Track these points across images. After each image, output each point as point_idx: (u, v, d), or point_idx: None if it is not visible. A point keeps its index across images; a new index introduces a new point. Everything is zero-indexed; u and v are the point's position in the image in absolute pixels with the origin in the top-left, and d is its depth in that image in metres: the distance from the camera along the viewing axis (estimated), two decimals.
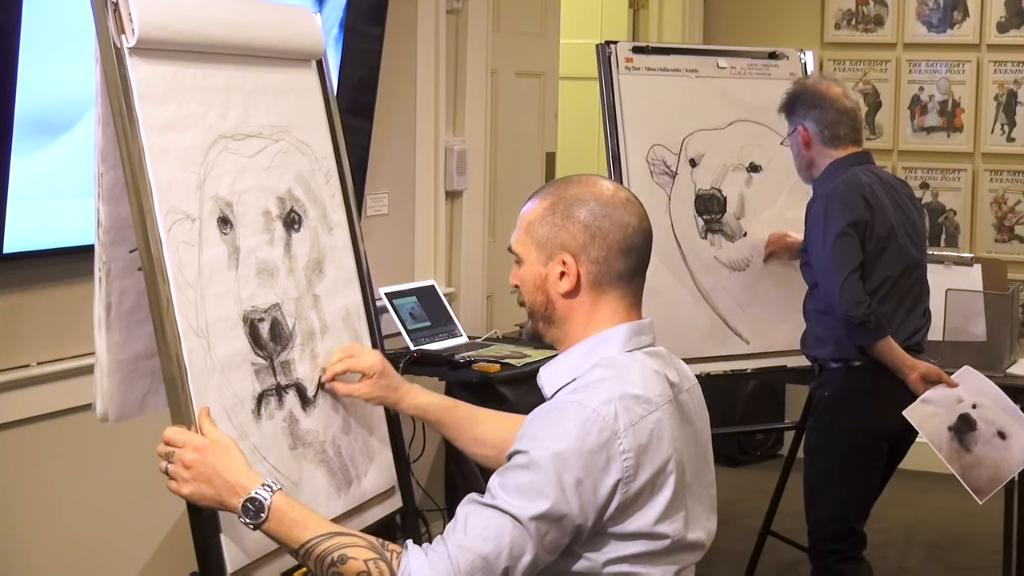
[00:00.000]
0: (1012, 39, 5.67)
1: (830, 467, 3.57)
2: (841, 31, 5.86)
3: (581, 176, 2.02)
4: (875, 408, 3.53)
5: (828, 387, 3.58)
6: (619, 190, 2.00)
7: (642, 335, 1.97)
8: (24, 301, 2.93)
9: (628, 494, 1.83)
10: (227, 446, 1.92)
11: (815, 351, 3.64)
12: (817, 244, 3.49)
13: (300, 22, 2.43)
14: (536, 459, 1.80)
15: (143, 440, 2.24)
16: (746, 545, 4.49)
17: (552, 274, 1.96)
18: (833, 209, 3.48)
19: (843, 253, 3.43)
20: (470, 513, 1.81)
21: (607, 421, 1.82)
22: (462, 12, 4.49)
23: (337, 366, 2.26)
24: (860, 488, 3.60)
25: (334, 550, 1.82)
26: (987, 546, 4.53)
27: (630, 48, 4.16)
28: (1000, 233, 5.73)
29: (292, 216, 2.29)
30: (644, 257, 1.98)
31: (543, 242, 1.96)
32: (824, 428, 3.59)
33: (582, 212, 1.94)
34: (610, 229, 1.94)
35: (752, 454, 5.90)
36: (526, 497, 1.78)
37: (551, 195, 1.98)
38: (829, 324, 3.52)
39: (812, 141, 3.64)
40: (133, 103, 1.97)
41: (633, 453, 1.83)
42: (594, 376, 1.90)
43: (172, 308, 1.96)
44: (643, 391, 1.88)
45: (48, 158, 2.82)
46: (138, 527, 3.22)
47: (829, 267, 3.44)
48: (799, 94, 3.70)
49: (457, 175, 4.51)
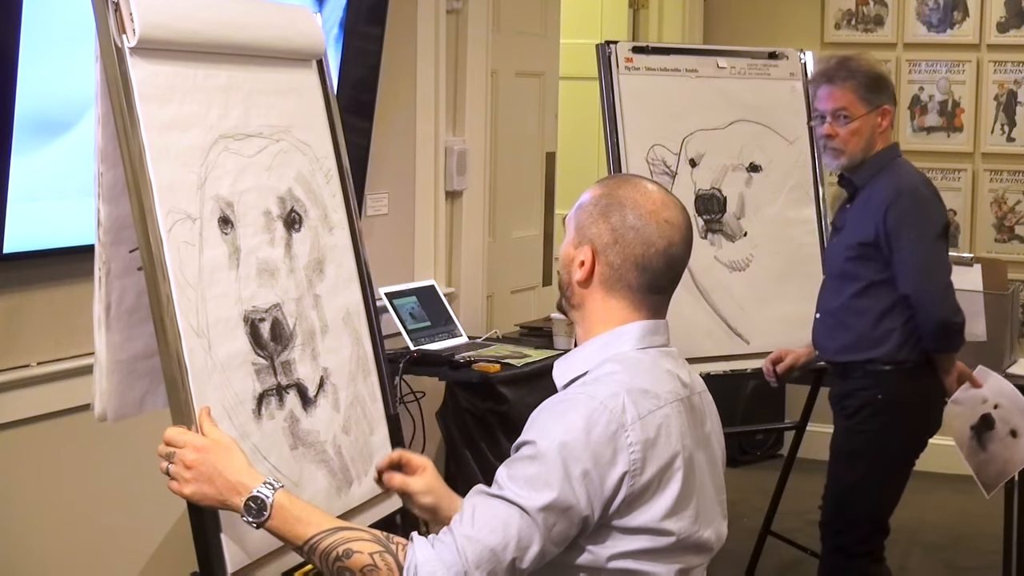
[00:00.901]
0: (1012, 39, 5.67)
1: (876, 469, 3.50)
2: (841, 31, 5.86)
3: (642, 180, 2.04)
4: (926, 411, 3.52)
5: (879, 390, 3.47)
6: (665, 208, 1.98)
7: (656, 335, 1.98)
8: (24, 301, 2.93)
9: (634, 487, 1.83)
10: (228, 446, 1.92)
11: (865, 353, 3.49)
12: (910, 241, 3.39)
13: (300, 22, 2.43)
14: (543, 450, 1.80)
15: (143, 440, 2.24)
16: (746, 545, 4.49)
17: (576, 258, 1.99)
18: (926, 207, 3.44)
19: (941, 258, 3.42)
20: (477, 504, 1.81)
21: (615, 413, 1.83)
22: (462, 12, 4.49)
23: (394, 456, 2.21)
24: (900, 489, 3.57)
25: (339, 544, 1.81)
26: (987, 546, 4.53)
27: (630, 48, 4.16)
28: (1000, 233, 5.73)
29: (293, 216, 2.29)
30: (661, 280, 1.97)
31: (581, 227, 1.99)
32: (873, 430, 3.49)
33: (616, 215, 1.96)
34: (633, 241, 1.95)
35: (752, 454, 5.90)
36: (533, 488, 1.78)
37: (605, 187, 2.01)
38: (891, 325, 3.45)
39: (890, 123, 3.55)
40: (134, 103, 1.97)
41: (640, 446, 1.83)
42: (604, 370, 1.91)
43: (173, 308, 1.96)
44: (652, 386, 1.89)
45: (48, 158, 2.82)
46: (138, 527, 3.22)
47: (929, 270, 3.40)
48: (883, 74, 3.59)
49: (457, 175, 4.51)
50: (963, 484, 4.98)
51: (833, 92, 3.52)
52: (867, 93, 3.51)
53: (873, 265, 3.46)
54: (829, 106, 3.52)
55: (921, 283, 3.39)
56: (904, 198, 3.43)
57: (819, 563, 3.70)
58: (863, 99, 3.50)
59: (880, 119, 3.51)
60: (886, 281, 3.45)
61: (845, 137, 3.51)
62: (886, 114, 3.52)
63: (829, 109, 3.52)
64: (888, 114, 3.53)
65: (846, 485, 3.56)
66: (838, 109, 3.50)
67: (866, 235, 3.46)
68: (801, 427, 4.34)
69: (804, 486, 4.98)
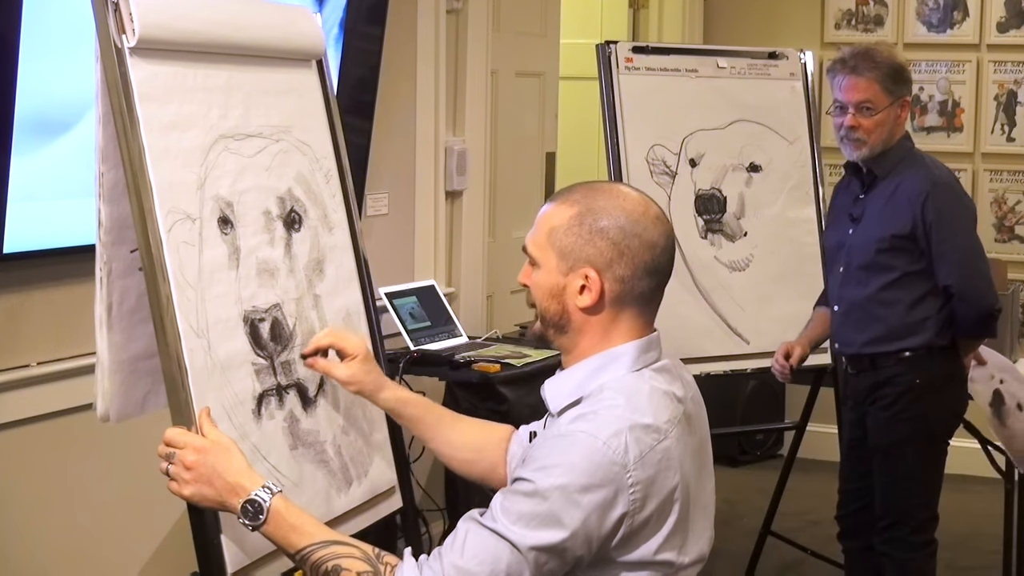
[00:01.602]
0: (1012, 39, 5.67)
1: (924, 453, 3.54)
2: (841, 31, 5.86)
3: (610, 185, 1.96)
4: (958, 390, 3.58)
5: (916, 375, 3.50)
6: (649, 205, 1.92)
7: (650, 351, 1.92)
8: (24, 301, 2.93)
9: (633, 526, 1.80)
10: (228, 447, 1.92)
11: (898, 343, 3.50)
12: (952, 233, 3.45)
13: (300, 22, 2.43)
14: (541, 489, 1.75)
15: (143, 440, 2.24)
16: (746, 545, 4.49)
17: (572, 285, 1.89)
18: (962, 199, 3.53)
19: (981, 248, 3.52)
20: (469, 531, 1.78)
21: (617, 454, 1.77)
22: (462, 12, 4.49)
23: (323, 340, 2.22)
24: (943, 470, 3.61)
25: (329, 559, 1.82)
26: (987, 546, 4.53)
27: (630, 48, 4.16)
28: (1000, 233, 5.73)
29: (292, 216, 2.29)
30: (667, 276, 1.94)
31: (566, 252, 1.89)
32: (918, 415, 3.51)
33: (612, 228, 1.87)
34: (639, 249, 1.87)
35: (752, 454, 5.90)
36: (528, 526, 1.75)
37: (578, 203, 1.90)
38: (925, 314, 3.47)
39: (907, 114, 3.58)
40: (134, 103, 1.97)
41: (642, 486, 1.79)
42: (604, 401, 1.84)
43: (173, 308, 1.96)
44: (653, 419, 1.83)
45: (48, 158, 2.82)
46: (138, 527, 3.22)
47: (974, 259, 3.48)
48: (903, 65, 3.58)
49: (457, 175, 4.50)
50: (963, 484, 4.99)
51: (858, 83, 3.50)
52: (891, 84, 3.50)
53: (906, 256, 3.47)
54: (853, 97, 3.50)
55: (965, 274, 3.44)
56: (941, 190, 3.45)
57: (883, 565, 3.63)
58: (887, 91, 3.49)
59: (900, 110, 3.52)
60: (920, 272, 3.47)
61: (869, 128, 3.50)
62: (906, 105, 3.54)
63: (853, 100, 3.50)
64: (908, 105, 3.55)
65: (899, 475, 3.56)
66: (862, 101, 3.49)
67: (901, 227, 3.46)
68: (801, 427, 4.34)
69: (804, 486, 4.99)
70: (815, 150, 4.33)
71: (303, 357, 2.22)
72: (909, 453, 3.53)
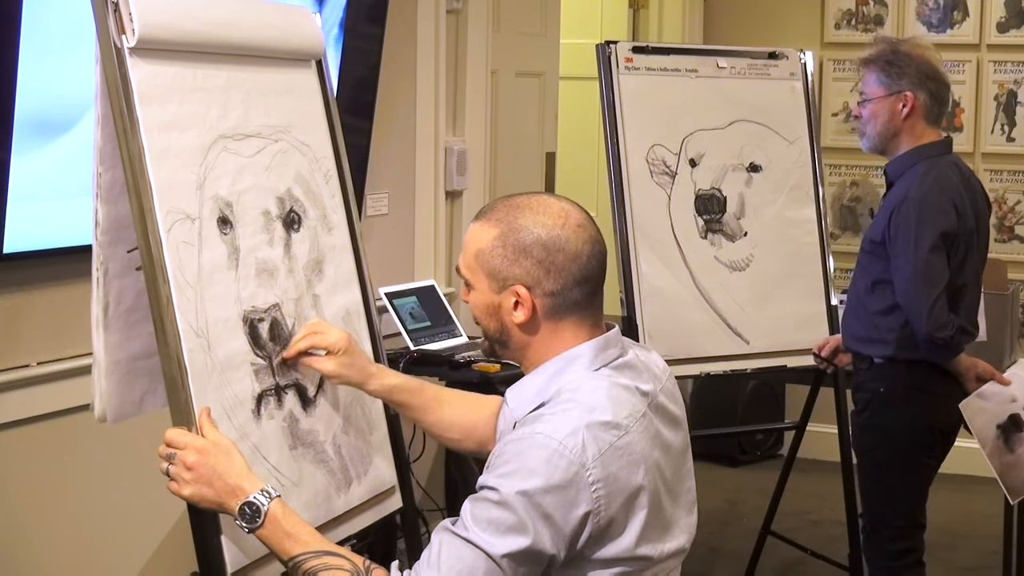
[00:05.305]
0: (1012, 39, 5.67)
1: (890, 463, 3.48)
2: (841, 31, 5.86)
3: (529, 198, 1.94)
4: (933, 405, 3.45)
5: (881, 383, 3.46)
6: (570, 214, 1.91)
7: (609, 348, 1.92)
8: (24, 301, 2.93)
9: (600, 523, 1.80)
10: (228, 448, 1.92)
11: (869, 347, 3.49)
12: (905, 250, 3.34)
13: (300, 22, 2.43)
14: (504, 497, 1.76)
15: (143, 440, 2.24)
16: (746, 545, 4.49)
17: (506, 303, 1.90)
18: (926, 216, 3.34)
19: (934, 271, 3.32)
20: (443, 543, 1.79)
21: (575, 454, 1.77)
22: (462, 12, 4.49)
23: (301, 343, 2.20)
24: (920, 483, 3.53)
25: (319, 570, 1.84)
26: (987, 546, 4.53)
27: (630, 48, 4.16)
28: (1000, 233, 5.73)
29: (292, 216, 2.29)
30: (600, 280, 1.93)
31: (494, 273, 1.90)
32: (878, 425, 3.48)
33: (534, 246, 1.87)
34: (564, 263, 1.87)
35: (752, 454, 5.90)
36: (497, 533, 1.76)
37: (499, 223, 1.91)
38: (890, 326, 3.42)
39: (916, 113, 3.48)
40: (133, 103, 1.97)
41: (603, 483, 1.79)
42: (561, 404, 1.84)
43: (173, 308, 1.96)
44: (612, 416, 1.83)
45: (48, 158, 2.83)
46: (138, 527, 3.22)
47: (918, 282, 3.32)
48: (914, 58, 3.51)
49: (457, 175, 4.51)
50: (963, 484, 4.99)
51: (863, 74, 3.55)
52: (884, 76, 3.48)
53: (881, 264, 3.43)
54: (859, 87, 3.56)
55: (909, 294, 3.35)
56: (908, 204, 3.37)
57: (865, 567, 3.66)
58: (880, 82, 3.48)
59: (899, 105, 3.46)
60: (889, 282, 3.42)
61: (864, 118, 3.52)
62: (907, 101, 3.46)
63: (858, 90, 3.57)
64: (910, 102, 3.46)
65: (870, 483, 3.55)
66: (860, 91, 3.55)
67: (876, 234, 3.45)
68: (801, 427, 4.34)
69: (804, 486, 5.00)
70: (815, 150, 4.33)
71: (284, 361, 2.20)
72: (876, 461, 3.52)
